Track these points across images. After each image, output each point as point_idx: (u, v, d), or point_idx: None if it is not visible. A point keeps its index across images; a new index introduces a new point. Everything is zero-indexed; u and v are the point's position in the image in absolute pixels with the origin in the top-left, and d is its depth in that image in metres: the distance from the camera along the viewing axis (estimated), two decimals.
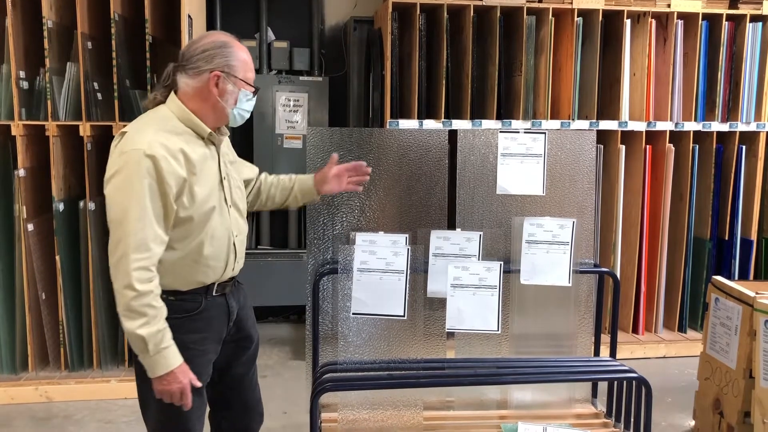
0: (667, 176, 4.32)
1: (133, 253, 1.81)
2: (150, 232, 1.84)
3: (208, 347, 2.06)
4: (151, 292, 1.84)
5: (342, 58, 5.09)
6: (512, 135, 3.02)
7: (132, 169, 1.83)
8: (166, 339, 1.88)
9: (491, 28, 4.16)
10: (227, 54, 1.98)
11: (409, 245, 2.84)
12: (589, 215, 3.12)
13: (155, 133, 1.90)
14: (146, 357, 1.87)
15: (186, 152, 1.92)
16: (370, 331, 2.87)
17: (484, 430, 2.92)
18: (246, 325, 2.25)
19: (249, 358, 2.29)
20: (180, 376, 1.89)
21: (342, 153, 3.03)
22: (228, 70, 1.98)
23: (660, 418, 3.45)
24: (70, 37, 3.60)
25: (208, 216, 1.97)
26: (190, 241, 1.95)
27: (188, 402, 1.94)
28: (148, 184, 1.84)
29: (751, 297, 2.92)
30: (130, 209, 1.83)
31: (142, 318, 1.82)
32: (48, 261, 3.63)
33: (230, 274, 2.10)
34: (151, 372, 1.89)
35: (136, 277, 1.81)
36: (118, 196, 1.86)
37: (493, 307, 2.83)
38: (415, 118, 4.06)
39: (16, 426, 3.34)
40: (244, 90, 2.01)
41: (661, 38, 4.32)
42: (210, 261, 2.00)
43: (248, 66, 2.03)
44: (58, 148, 3.56)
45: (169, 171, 1.87)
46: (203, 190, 1.95)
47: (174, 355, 1.89)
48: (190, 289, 2.00)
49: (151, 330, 1.84)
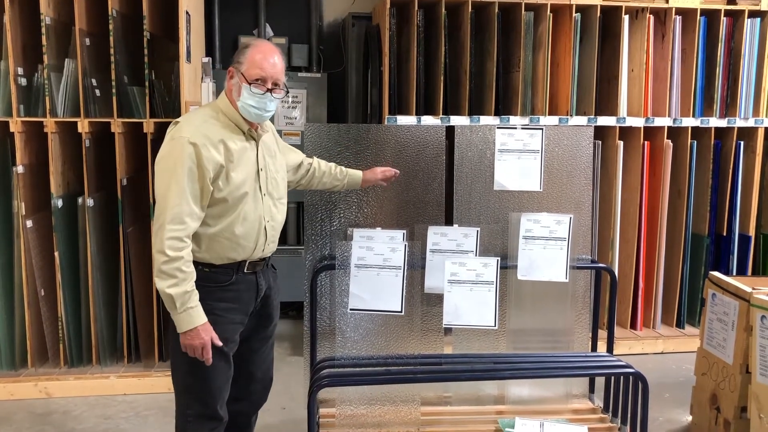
0: (665, 172, 4.32)
1: (169, 224, 2.10)
2: (186, 208, 2.12)
3: (234, 317, 2.31)
4: (181, 258, 2.11)
5: (340, 55, 5.10)
6: (509, 131, 3.03)
7: (177, 153, 2.13)
8: (192, 300, 2.14)
9: (489, 24, 4.16)
10: (243, 52, 2.25)
11: (407, 241, 2.84)
12: (586, 211, 3.12)
13: (201, 124, 2.20)
14: (175, 313, 2.15)
15: (226, 142, 2.20)
16: (368, 327, 2.88)
17: (481, 425, 2.93)
18: (270, 305, 2.48)
19: (266, 335, 2.52)
20: (202, 333, 2.16)
21: (340, 149, 3.04)
22: (237, 67, 2.25)
23: (657, 413, 3.46)
24: (68, 33, 3.61)
25: (240, 200, 2.23)
26: (223, 219, 2.22)
27: (209, 357, 2.18)
28: (189, 167, 2.12)
29: (748, 292, 2.93)
30: (171, 187, 2.12)
31: (171, 279, 2.11)
32: (47, 257, 3.63)
33: (260, 255, 2.34)
34: (178, 327, 2.16)
35: (169, 245, 2.09)
36: (164, 175, 2.15)
37: (490, 302, 2.84)
38: (414, 114, 4.06)
39: (16, 421, 3.35)
40: (245, 85, 2.22)
41: (660, 34, 4.32)
42: (241, 240, 2.25)
43: (254, 63, 2.23)
44: (56, 144, 3.57)
45: (208, 157, 2.14)
46: (239, 176, 2.21)
47: (198, 314, 2.16)
48: (222, 263, 2.26)
49: (179, 291, 2.11)
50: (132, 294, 3.65)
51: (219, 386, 2.31)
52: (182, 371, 2.30)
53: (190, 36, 3.80)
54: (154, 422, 3.36)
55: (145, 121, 3.59)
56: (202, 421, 2.31)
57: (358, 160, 3.03)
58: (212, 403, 2.30)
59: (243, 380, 2.50)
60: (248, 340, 2.44)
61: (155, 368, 3.71)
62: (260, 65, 2.23)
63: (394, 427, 2.88)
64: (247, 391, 2.53)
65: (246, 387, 2.52)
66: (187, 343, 2.17)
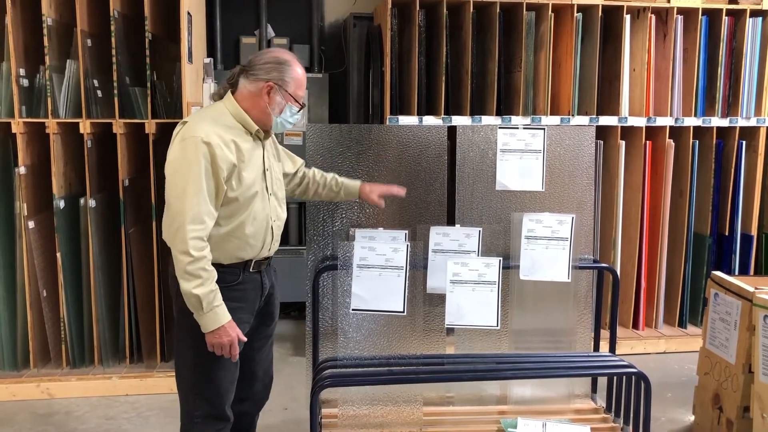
0: (667, 172, 4.32)
1: (190, 224, 2.11)
2: (204, 208, 2.13)
3: (242, 316, 2.31)
4: (204, 258, 2.13)
5: (342, 55, 5.09)
6: (511, 131, 3.03)
7: (191, 154, 2.13)
8: (217, 299, 2.17)
9: (491, 24, 4.16)
10: (284, 70, 2.27)
11: (409, 241, 2.84)
12: (588, 211, 3.12)
13: (211, 124, 2.20)
14: (200, 314, 2.15)
15: (237, 143, 2.22)
16: (370, 327, 2.88)
17: (483, 425, 2.93)
18: (272, 303, 2.51)
19: (267, 334, 2.54)
20: (230, 330, 2.19)
21: (342, 150, 3.04)
22: (281, 84, 2.27)
23: (659, 413, 3.46)
24: (69, 34, 3.61)
25: (251, 199, 2.25)
26: (234, 219, 2.24)
27: (236, 354, 2.22)
28: (204, 167, 2.13)
29: (751, 292, 2.92)
30: (189, 187, 2.12)
31: (197, 280, 2.12)
32: (49, 258, 3.63)
33: (266, 254, 2.37)
34: (204, 327, 2.17)
35: (192, 246, 2.10)
36: (179, 175, 2.15)
37: (493, 302, 2.84)
38: (415, 115, 4.06)
39: (18, 422, 3.36)
40: (291, 104, 2.30)
41: (661, 33, 4.32)
42: (250, 239, 2.28)
43: (300, 84, 2.31)
44: (58, 145, 3.57)
45: (222, 157, 2.15)
46: (249, 176, 2.24)
47: (224, 312, 2.18)
48: (230, 263, 2.27)
49: (205, 290, 2.12)
50: (134, 294, 3.65)
51: (227, 387, 2.32)
52: (189, 372, 2.31)
53: (192, 37, 3.80)
54: (156, 423, 3.36)
55: (147, 121, 3.59)
56: (209, 422, 2.31)
57: (360, 161, 3.03)
58: (220, 403, 2.31)
59: (246, 380, 2.50)
60: (251, 339, 2.43)
61: (157, 369, 3.71)
62: (303, 85, 2.32)
63: (397, 428, 2.88)
64: (251, 390, 2.54)
65: (249, 387, 2.53)
66: (215, 342, 2.18)
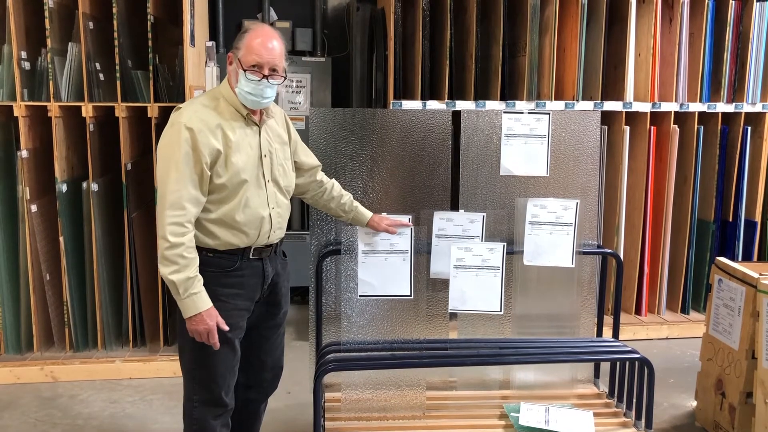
0: (672, 157, 4.30)
1: (169, 209, 2.09)
2: (185, 193, 2.10)
3: (239, 303, 2.28)
4: (182, 245, 2.09)
5: (345, 39, 5.06)
6: (516, 116, 3.01)
7: (174, 139, 2.12)
8: (196, 286, 2.13)
9: (495, 8, 4.12)
10: (241, 37, 2.20)
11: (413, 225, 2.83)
12: (592, 196, 3.11)
13: (199, 108, 2.18)
14: (179, 299, 2.14)
15: (224, 128, 2.17)
16: (373, 312, 2.88)
17: (486, 410, 2.94)
18: (279, 293, 2.46)
19: (275, 323, 2.50)
20: (207, 318, 2.15)
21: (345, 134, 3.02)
22: (235, 52, 2.20)
23: (662, 398, 3.47)
24: (71, 17, 3.58)
25: (240, 186, 2.19)
26: (223, 205, 2.19)
27: (215, 342, 2.18)
28: (185, 152, 2.10)
29: (755, 278, 2.92)
30: (170, 172, 2.11)
31: (173, 266, 2.09)
32: (52, 242, 3.63)
33: (265, 242, 2.30)
34: (183, 313, 2.16)
35: (170, 231, 2.08)
36: (164, 161, 2.14)
37: (496, 288, 2.84)
38: (419, 99, 4.04)
39: (24, 405, 3.37)
40: (244, 72, 2.17)
41: (667, 18, 4.28)
42: (242, 227, 2.22)
43: (251, 49, 2.17)
44: (60, 128, 3.56)
45: (204, 142, 2.12)
46: (239, 162, 2.18)
47: (203, 300, 2.14)
48: (225, 249, 2.23)
49: (181, 277, 2.10)
50: (137, 278, 3.65)
51: (223, 373, 2.30)
52: (187, 357, 2.31)
53: (194, 20, 3.78)
54: (160, 406, 3.37)
55: (149, 105, 3.58)
56: (207, 407, 2.32)
57: (363, 145, 3.01)
58: (216, 390, 2.30)
59: (254, 368, 2.50)
60: (258, 327, 2.43)
61: (160, 352, 3.72)
62: (257, 51, 2.16)
63: (400, 412, 2.89)
64: (258, 378, 2.53)
65: (257, 375, 2.52)
66: (192, 329, 2.17)
